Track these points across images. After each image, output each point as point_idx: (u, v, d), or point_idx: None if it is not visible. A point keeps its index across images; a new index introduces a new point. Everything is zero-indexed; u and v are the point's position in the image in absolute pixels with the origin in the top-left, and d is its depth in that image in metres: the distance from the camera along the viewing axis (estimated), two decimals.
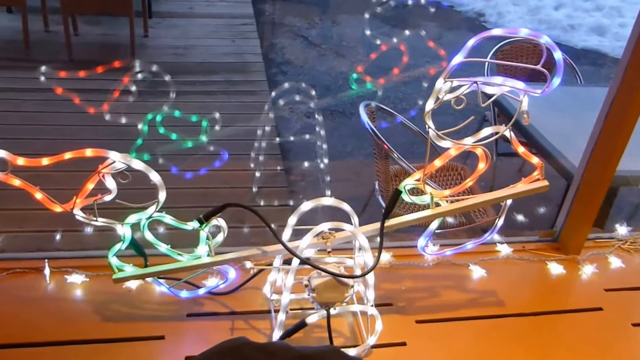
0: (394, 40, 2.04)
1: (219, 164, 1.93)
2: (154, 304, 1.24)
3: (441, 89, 0.98)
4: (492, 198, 1.13)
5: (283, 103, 3.03)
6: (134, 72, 3.26)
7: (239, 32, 5.25)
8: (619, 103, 1.31)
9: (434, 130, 1.01)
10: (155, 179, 1.01)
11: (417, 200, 1.12)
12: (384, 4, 2.06)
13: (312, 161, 2.94)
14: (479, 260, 1.43)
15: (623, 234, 1.58)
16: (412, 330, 1.22)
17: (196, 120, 1.56)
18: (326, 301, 1.06)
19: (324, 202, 1.07)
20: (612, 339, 1.25)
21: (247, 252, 1.13)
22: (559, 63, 0.99)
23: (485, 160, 1.09)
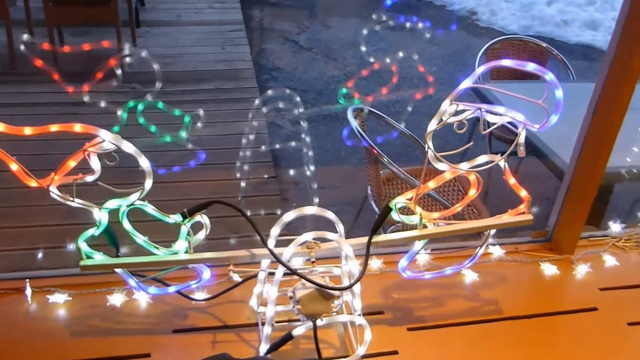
0: (387, 61, 2.04)
1: (194, 164, 1.91)
2: (139, 320, 1.22)
3: (446, 110, 0.98)
4: (478, 226, 1.17)
5: (267, 110, 3.00)
6: (122, 56, 3.23)
7: (228, 38, 5.23)
8: (606, 99, 1.29)
9: (433, 151, 1.01)
10: (144, 165, 0.96)
11: (406, 220, 1.12)
12: (382, 23, 2.06)
13: (302, 167, 2.92)
14: (468, 263, 1.40)
15: (617, 231, 1.56)
16: (404, 338, 1.20)
17: (179, 115, 1.52)
18: (312, 313, 1.03)
19: (307, 211, 1.04)
20: (608, 339, 1.23)
21: (228, 254, 1.10)
22: (559, 101, 1.02)
23: (477, 186, 1.10)
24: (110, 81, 2.64)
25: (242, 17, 5.76)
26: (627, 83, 1.24)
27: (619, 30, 1.24)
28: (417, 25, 4.67)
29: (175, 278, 1.22)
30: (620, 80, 1.24)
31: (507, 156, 1.07)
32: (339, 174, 3.25)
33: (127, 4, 4.84)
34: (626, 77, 1.23)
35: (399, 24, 2.13)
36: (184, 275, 1.23)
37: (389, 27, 6.33)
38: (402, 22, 2.41)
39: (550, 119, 1.02)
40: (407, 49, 4.95)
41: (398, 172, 1.99)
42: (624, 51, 1.23)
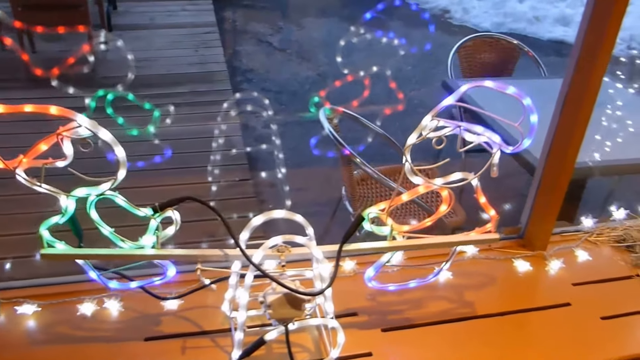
0: (361, 73, 2.06)
1: (159, 160, 1.88)
2: (110, 329, 1.19)
3: (427, 125, 1.00)
4: (445, 242, 1.19)
5: (236, 114, 2.98)
6: (98, 42, 3.17)
7: (201, 41, 5.19)
8: (573, 95, 1.30)
9: (410, 164, 1.03)
10: (120, 154, 0.93)
11: (377, 231, 1.12)
12: (361, 35, 2.08)
13: (278, 169, 2.91)
14: (443, 263, 1.40)
15: (589, 226, 1.57)
16: (378, 339, 1.19)
17: (149, 108, 1.49)
18: (283, 317, 1.02)
19: (275, 215, 1.03)
20: (581, 334, 1.23)
21: (197, 252, 1.07)
22: (532, 126, 1.07)
23: (449, 203, 1.11)
24: (82, 67, 2.58)
25: (215, 19, 5.72)
26: (593, 79, 1.25)
27: (584, 26, 1.24)
28: (392, 41, 4.70)
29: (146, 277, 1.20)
30: (587, 76, 1.25)
31: (480, 175, 1.09)
32: (314, 175, 3.24)
33: (98, 7, 4.77)
34: (592, 73, 1.24)
35: (376, 37, 2.15)
36: (155, 273, 1.20)
37: (365, 26, 6.34)
38: (379, 36, 2.43)
39: (524, 142, 1.07)
40: (382, 49, 4.96)
41: (371, 173, 1.99)
42: (590, 47, 1.24)
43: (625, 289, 1.38)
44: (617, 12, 1.18)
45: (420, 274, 1.35)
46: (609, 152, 2.23)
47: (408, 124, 3.61)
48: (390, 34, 4.41)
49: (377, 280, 1.20)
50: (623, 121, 2.46)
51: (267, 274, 1.00)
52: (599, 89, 1.28)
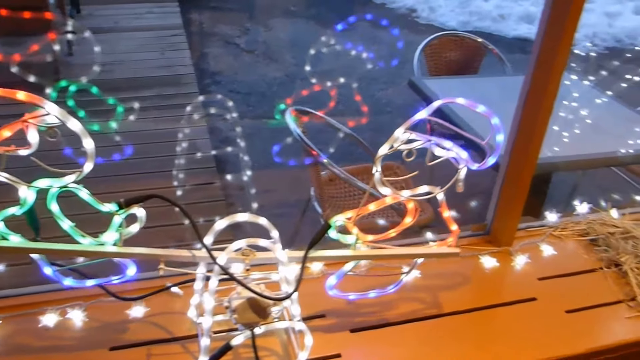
0: (328, 84, 2.07)
1: (118, 158, 1.82)
2: (74, 340, 1.16)
3: (399, 138, 1.03)
4: (407, 253, 1.23)
5: (199, 117, 2.95)
6: (63, 32, 3.08)
7: (168, 43, 5.13)
8: (535, 91, 1.31)
9: (381, 174, 1.04)
10: (88, 146, 0.90)
11: (342, 239, 1.13)
12: (331, 46, 2.09)
13: (246, 172, 2.89)
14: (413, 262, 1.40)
15: (553, 221, 1.59)
16: (347, 340, 1.18)
17: (113, 103, 1.45)
18: (248, 322, 1.01)
19: (238, 218, 1.02)
20: (547, 328, 1.25)
21: (160, 251, 1.05)
22: (498, 145, 1.11)
23: (414, 215, 1.13)
24: (44, 56, 2.51)
25: (182, 21, 5.66)
26: (553, 76, 1.26)
27: (544, 24, 1.26)
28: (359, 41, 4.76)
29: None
30: (547, 73, 1.27)
31: (445, 189, 1.12)
32: (283, 176, 3.23)
33: (61, 11, 4.68)
34: (552, 70, 1.26)
35: (345, 47, 2.17)
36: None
37: (331, 27, 6.35)
38: (349, 48, 2.47)
39: (488, 160, 1.12)
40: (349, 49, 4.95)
41: (339, 173, 1.98)
42: (549, 45, 1.26)
43: (589, 282, 1.40)
44: (575, 10, 1.20)
45: (389, 275, 1.35)
46: (569, 144, 2.27)
47: (376, 122, 3.68)
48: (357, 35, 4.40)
49: (338, 289, 1.20)
50: (588, 116, 2.51)
51: (233, 275, 0.99)
52: (559, 85, 1.29)
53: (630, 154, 2.29)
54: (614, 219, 1.58)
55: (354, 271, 1.16)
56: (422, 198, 1.10)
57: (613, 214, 1.60)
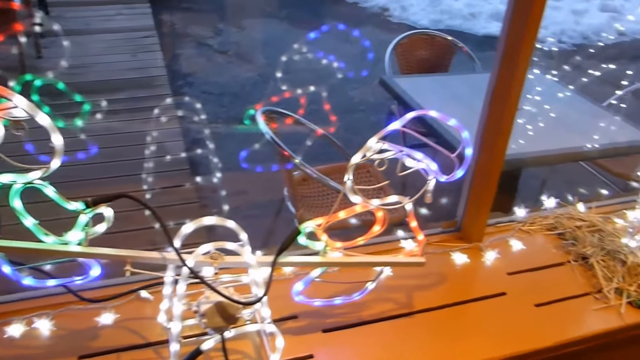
0: (299, 91, 2.07)
1: (82, 156, 1.81)
2: (41, 350, 1.14)
3: (372, 147, 1.05)
4: (374, 262, 1.24)
5: (167, 120, 2.93)
6: (31, 23, 3.00)
7: (140, 45, 5.08)
8: (501, 88, 1.33)
9: (352, 182, 1.06)
10: (57, 142, 0.88)
11: (311, 246, 1.13)
12: (303, 54, 2.10)
13: (220, 173, 2.88)
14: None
15: (522, 216, 1.61)
16: (319, 341, 1.19)
17: (80, 100, 1.42)
18: (218, 326, 1.01)
19: (205, 222, 1.01)
20: (516, 322, 1.26)
21: (127, 252, 1.02)
22: (467, 158, 1.14)
23: (382, 224, 1.15)
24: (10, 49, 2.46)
25: (154, 22, 5.61)
26: (518, 73, 1.28)
27: (507, 22, 1.28)
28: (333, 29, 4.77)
29: None
30: (512, 70, 1.28)
31: (414, 200, 1.14)
32: (257, 177, 3.21)
33: (28, 13, 4.60)
34: (517, 67, 1.27)
35: (316, 56, 2.18)
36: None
37: (305, 27, 6.35)
38: (320, 57, 2.49)
39: (457, 173, 1.13)
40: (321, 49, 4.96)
41: (311, 173, 1.98)
42: (513, 42, 1.27)
43: (557, 275, 1.42)
44: (537, 6, 1.22)
45: (361, 274, 1.36)
46: (533, 137, 2.31)
47: (349, 121, 3.66)
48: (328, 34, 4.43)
49: (305, 295, 1.20)
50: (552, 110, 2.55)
51: (202, 278, 0.99)
52: (524, 82, 1.31)
53: (597, 149, 2.33)
54: (580, 213, 1.61)
55: (321, 278, 1.16)
56: (391, 207, 1.12)
57: (580, 208, 1.63)
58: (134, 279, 1.27)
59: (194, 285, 1.07)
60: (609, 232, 1.51)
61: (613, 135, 2.47)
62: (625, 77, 3.04)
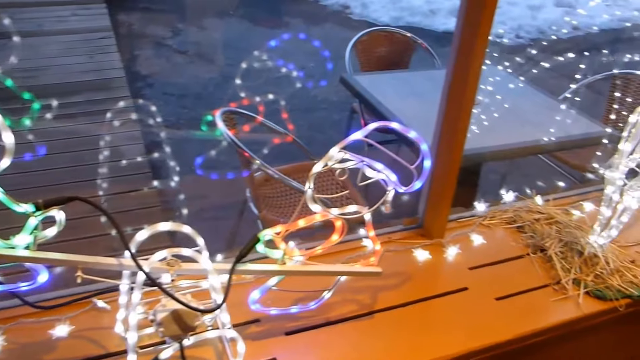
0: (257, 99, 2.05)
1: (30, 157, 1.75)
2: None
3: (333, 156, 1.06)
4: (330, 271, 1.23)
5: (120, 123, 2.87)
6: None
7: (97, 46, 4.97)
8: (456, 84, 1.33)
9: (313, 191, 1.07)
10: (8, 140, 0.84)
11: (269, 254, 1.13)
12: (263, 61, 2.09)
13: (182, 176, 2.83)
14: (346, 258, 1.40)
15: (482, 210, 1.63)
16: (282, 343, 1.17)
17: (27, 98, 1.37)
18: (175, 334, 0.98)
19: (160, 227, 0.99)
20: (478, 317, 1.27)
21: (78, 257, 0.98)
22: (425, 170, 1.15)
23: (341, 233, 1.16)
24: None
25: (110, 23, 5.49)
26: (473, 68, 1.28)
27: (461, 18, 1.28)
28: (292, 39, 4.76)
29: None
30: (467, 65, 1.28)
31: (374, 210, 1.15)
32: (221, 179, 3.18)
33: None
34: (471, 62, 1.28)
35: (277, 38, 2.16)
36: None
37: (266, 25, 6.31)
38: (279, 65, 2.49)
39: (415, 184, 1.15)
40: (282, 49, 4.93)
41: (272, 174, 1.97)
42: (467, 37, 1.28)
43: (517, 268, 1.43)
44: (490, 1, 1.23)
45: (323, 274, 1.35)
46: (490, 128, 2.33)
47: (313, 119, 3.65)
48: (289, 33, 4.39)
49: (261, 303, 1.19)
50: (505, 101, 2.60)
51: (158, 284, 0.96)
52: (479, 77, 1.32)
53: (554, 141, 2.37)
54: (538, 205, 1.63)
55: (279, 286, 1.15)
56: (351, 217, 1.13)
57: (538, 201, 1.65)
58: (89, 288, 1.24)
59: (152, 293, 1.04)
60: (566, 224, 1.53)
61: (569, 127, 2.51)
62: (580, 70, 3.10)
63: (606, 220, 1.44)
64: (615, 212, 1.43)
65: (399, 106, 2.52)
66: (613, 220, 1.44)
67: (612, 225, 1.44)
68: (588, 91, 3.05)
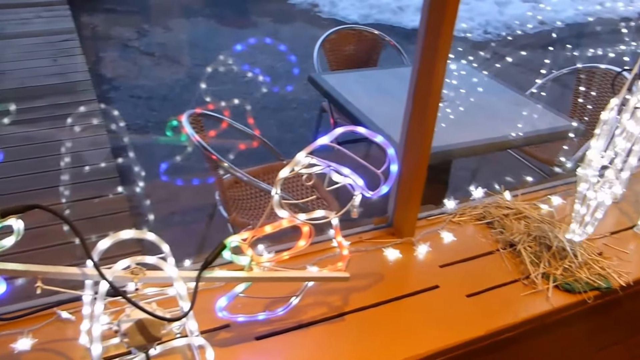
0: (222, 103, 2.04)
1: None
2: None
3: (300, 161, 1.07)
4: (298, 277, 1.23)
5: (80, 129, 2.82)
6: None
7: (60, 49, 4.86)
8: (422, 79, 1.33)
9: (280, 197, 1.07)
10: None
11: (236, 260, 1.12)
12: (228, 65, 2.08)
13: (151, 180, 2.79)
14: (316, 260, 1.39)
15: (452, 207, 1.63)
16: (252, 349, 1.15)
17: None
18: (141, 343, 0.96)
19: (122, 235, 0.96)
20: (449, 315, 1.27)
21: (38, 267, 0.95)
22: (391, 174, 1.15)
23: (308, 239, 1.16)
24: None
25: (74, 25, 5.38)
26: (438, 64, 1.28)
27: (425, 12, 1.27)
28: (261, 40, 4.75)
29: None
30: (432, 60, 1.28)
31: (341, 215, 1.16)
32: (191, 182, 3.15)
33: None
34: (436, 59, 1.27)
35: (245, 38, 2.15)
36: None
37: (234, 25, 6.26)
38: (246, 69, 2.47)
39: (382, 189, 1.15)
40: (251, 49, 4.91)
41: (241, 176, 1.94)
42: (431, 34, 1.27)
43: (487, 264, 1.44)
44: (452, 1, 1.22)
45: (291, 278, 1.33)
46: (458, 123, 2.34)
47: (283, 119, 3.64)
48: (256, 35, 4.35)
49: (230, 308, 1.17)
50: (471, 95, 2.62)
51: (122, 294, 0.93)
52: (444, 75, 1.32)
53: (522, 136, 2.40)
54: (507, 201, 1.64)
55: (246, 293, 1.14)
56: (317, 222, 1.13)
57: (507, 197, 1.66)
58: (52, 299, 1.20)
59: (118, 302, 1.02)
60: (535, 219, 1.54)
61: (536, 122, 2.54)
62: (545, 65, 3.14)
63: (581, 218, 1.45)
64: (589, 209, 1.44)
65: (367, 104, 2.51)
66: (587, 216, 1.45)
67: (587, 221, 1.45)
68: (556, 85, 3.09)
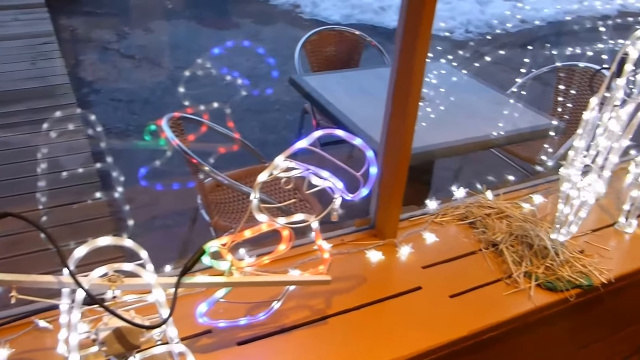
0: (201, 107, 2.03)
1: None
2: None
3: (278, 165, 1.06)
4: (279, 280, 1.21)
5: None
6: None
7: (39, 52, 4.79)
8: (401, 79, 1.32)
9: (258, 201, 1.06)
10: None
11: (215, 265, 1.11)
12: (207, 69, 2.07)
13: (133, 185, 2.76)
14: (298, 263, 1.38)
15: (434, 208, 1.63)
16: (234, 354, 1.14)
17: None
18: (120, 352, 0.94)
19: (99, 242, 0.94)
20: (432, 316, 1.27)
21: (11, 277, 0.93)
22: (371, 177, 1.15)
23: (288, 243, 1.15)
24: None
25: (53, 28, 5.32)
26: (417, 64, 1.28)
27: (403, 14, 1.27)
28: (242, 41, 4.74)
29: None
30: (411, 60, 1.27)
31: (320, 218, 1.15)
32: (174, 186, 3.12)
33: None
34: (415, 58, 1.27)
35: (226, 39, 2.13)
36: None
37: (215, 26, 6.23)
38: (224, 72, 2.45)
39: (362, 191, 1.15)
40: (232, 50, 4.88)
41: (222, 180, 1.93)
42: (410, 34, 1.27)
43: (470, 264, 1.44)
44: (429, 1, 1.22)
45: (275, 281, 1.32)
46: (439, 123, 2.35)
47: (265, 120, 3.63)
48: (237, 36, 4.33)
49: (211, 313, 1.16)
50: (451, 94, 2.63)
51: (99, 301, 0.92)
52: (423, 75, 1.31)
53: (503, 135, 2.41)
54: (489, 200, 1.64)
55: (226, 298, 1.13)
56: (297, 226, 1.12)
57: (488, 196, 1.66)
58: (29, 308, 1.18)
59: (97, 310, 1.00)
60: (516, 218, 1.55)
61: (517, 121, 2.55)
62: (526, 64, 3.16)
63: (565, 217, 1.46)
64: (573, 208, 1.44)
65: (349, 105, 2.51)
66: (571, 216, 1.45)
67: (571, 221, 1.46)
68: (536, 83, 3.11)
